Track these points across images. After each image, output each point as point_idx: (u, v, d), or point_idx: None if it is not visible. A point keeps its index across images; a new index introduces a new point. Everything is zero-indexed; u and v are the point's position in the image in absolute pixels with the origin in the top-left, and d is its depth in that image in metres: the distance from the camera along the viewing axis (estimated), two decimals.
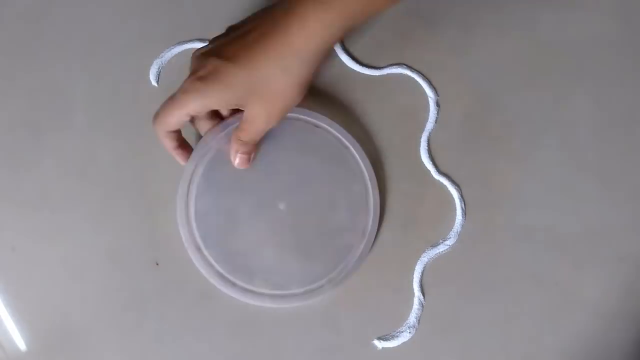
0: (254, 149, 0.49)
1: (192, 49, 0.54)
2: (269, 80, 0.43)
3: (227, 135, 0.50)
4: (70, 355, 0.51)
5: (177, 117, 0.46)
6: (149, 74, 0.54)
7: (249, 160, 0.50)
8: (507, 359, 0.52)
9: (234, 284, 0.50)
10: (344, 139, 0.53)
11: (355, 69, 0.55)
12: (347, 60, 0.55)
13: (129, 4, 0.55)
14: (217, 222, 0.51)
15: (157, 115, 0.47)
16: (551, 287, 0.53)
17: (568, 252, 0.53)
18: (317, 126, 0.52)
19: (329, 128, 0.53)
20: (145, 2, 0.56)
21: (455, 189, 0.54)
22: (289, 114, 0.52)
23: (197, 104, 0.45)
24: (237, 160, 0.49)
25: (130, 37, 0.55)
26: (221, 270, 0.50)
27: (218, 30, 0.46)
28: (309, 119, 0.52)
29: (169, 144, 0.49)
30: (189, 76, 0.45)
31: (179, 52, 0.55)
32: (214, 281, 0.50)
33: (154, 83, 0.54)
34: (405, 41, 0.56)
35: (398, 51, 0.56)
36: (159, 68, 0.54)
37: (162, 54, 0.54)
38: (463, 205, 0.53)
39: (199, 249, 0.50)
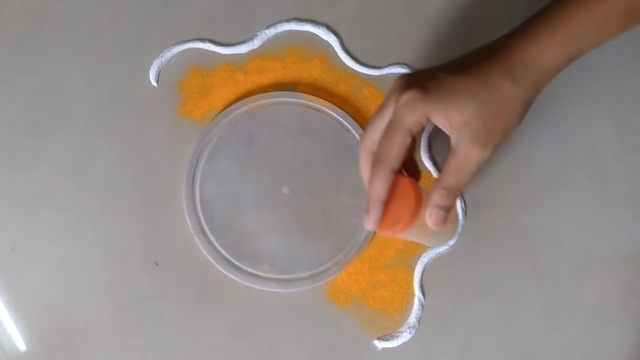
0: (455, 201, 0.40)
1: (192, 48, 0.55)
2: (496, 88, 0.39)
3: (231, 123, 0.51)
4: (70, 355, 0.51)
5: (397, 139, 0.39)
6: (148, 74, 0.54)
7: (447, 217, 0.40)
8: (507, 359, 0.52)
9: (240, 269, 0.51)
10: (344, 122, 0.53)
11: (355, 68, 0.55)
12: (347, 60, 0.55)
13: (129, 4, 0.55)
14: (222, 207, 0.52)
15: (363, 139, 0.42)
16: (551, 287, 0.53)
17: (568, 252, 0.53)
18: (317, 110, 0.53)
19: (329, 111, 0.53)
20: (145, 2, 0.56)
21: None
22: (289, 99, 0.53)
23: (420, 116, 0.39)
24: (433, 219, 0.40)
25: (130, 37, 0.55)
26: (227, 256, 0.51)
27: (217, 30, 0.46)
28: (309, 102, 0.53)
29: (383, 182, 0.40)
30: (400, 92, 0.40)
31: (178, 52, 0.55)
32: (220, 267, 0.51)
33: (153, 83, 0.54)
34: (405, 41, 0.56)
35: (398, 51, 0.56)
36: (158, 68, 0.54)
37: (162, 54, 0.54)
38: (463, 205, 0.53)
39: (204, 235, 0.51)
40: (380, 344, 0.52)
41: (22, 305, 0.51)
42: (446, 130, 0.40)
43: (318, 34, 0.55)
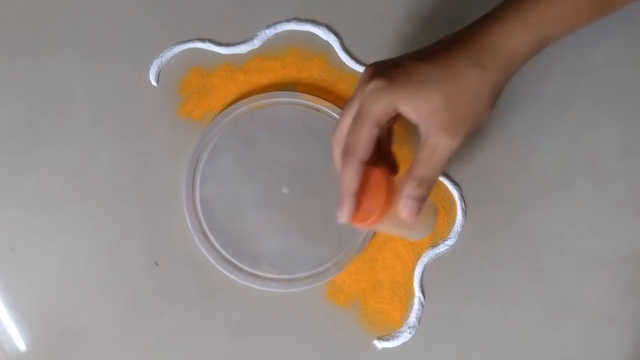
0: (429, 192, 0.40)
1: (192, 48, 0.55)
2: (462, 75, 0.38)
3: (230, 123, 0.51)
4: (70, 355, 0.51)
5: (364, 130, 0.38)
6: (148, 74, 0.54)
7: (420, 208, 0.40)
8: (507, 359, 0.52)
9: (240, 269, 0.51)
10: None
11: (355, 68, 0.55)
12: (347, 60, 0.55)
13: (128, 4, 0.55)
14: (222, 207, 0.52)
15: (335, 130, 0.41)
16: (551, 287, 0.53)
17: (568, 252, 0.53)
18: (317, 110, 0.53)
19: (330, 111, 0.53)
20: (145, 2, 0.56)
21: (455, 189, 0.53)
22: (289, 99, 0.53)
23: (385, 105, 0.38)
24: (406, 210, 0.40)
25: (130, 37, 0.55)
26: (227, 256, 0.51)
27: (217, 30, 0.46)
28: (309, 102, 0.53)
29: (353, 173, 0.39)
30: (367, 82, 0.39)
31: (178, 52, 0.55)
32: (220, 267, 0.51)
33: (153, 83, 0.54)
34: (405, 41, 0.56)
35: (398, 51, 0.55)
36: (158, 68, 0.54)
37: (162, 54, 0.54)
38: (463, 205, 0.53)
39: (204, 235, 0.51)
40: (380, 344, 0.52)
41: (22, 305, 0.51)
42: (414, 119, 0.39)
43: (318, 34, 0.55)
